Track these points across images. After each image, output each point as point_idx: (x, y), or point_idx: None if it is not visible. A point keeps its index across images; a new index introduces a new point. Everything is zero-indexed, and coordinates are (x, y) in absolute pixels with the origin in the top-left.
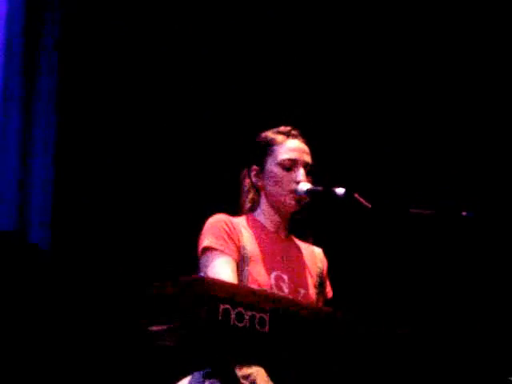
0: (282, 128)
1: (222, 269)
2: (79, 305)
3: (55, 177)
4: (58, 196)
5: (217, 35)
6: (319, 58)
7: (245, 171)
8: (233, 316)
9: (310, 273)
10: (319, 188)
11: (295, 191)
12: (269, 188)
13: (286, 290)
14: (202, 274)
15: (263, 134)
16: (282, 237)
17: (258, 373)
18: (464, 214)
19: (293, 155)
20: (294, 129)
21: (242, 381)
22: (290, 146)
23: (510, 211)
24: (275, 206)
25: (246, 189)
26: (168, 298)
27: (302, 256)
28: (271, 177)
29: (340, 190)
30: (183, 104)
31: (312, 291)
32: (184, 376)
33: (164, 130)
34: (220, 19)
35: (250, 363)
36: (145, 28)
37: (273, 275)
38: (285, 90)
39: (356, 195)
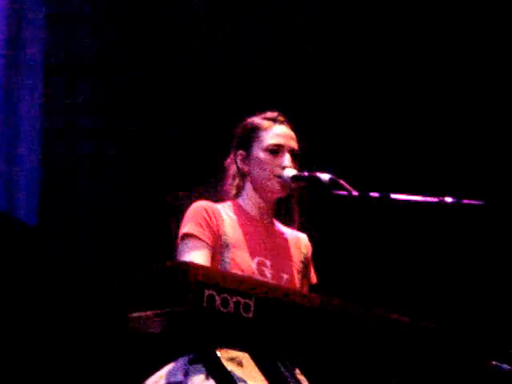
0: (269, 114)
1: (196, 256)
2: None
3: (42, 155)
4: (45, 174)
5: (207, 19)
6: (306, 44)
7: (231, 157)
8: (218, 301)
9: (293, 258)
10: (305, 174)
11: (280, 176)
12: (254, 173)
13: (269, 276)
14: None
15: (249, 120)
16: (266, 222)
17: (245, 354)
18: (448, 200)
19: (279, 141)
20: (280, 114)
21: (228, 362)
22: (277, 132)
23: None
24: (260, 192)
25: (231, 175)
26: (152, 283)
27: (285, 241)
28: (257, 162)
29: (325, 176)
30: (169, 89)
31: (295, 277)
32: (168, 362)
33: (150, 113)
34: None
35: (234, 349)
36: None
37: (255, 261)
38: (270, 76)
39: (341, 181)
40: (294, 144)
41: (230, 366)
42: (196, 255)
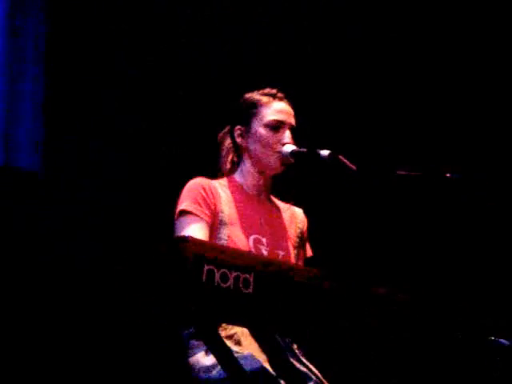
0: (268, 90)
1: (194, 232)
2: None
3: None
4: (48, 120)
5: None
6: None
7: (225, 131)
8: (217, 277)
9: (289, 234)
10: (304, 149)
11: (280, 152)
12: (253, 149)
13: (265, 253)
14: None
15: (248, 95)
16: (263, 199)
17: (243, 332)
18: (449, 175)
19: (280, 117)
20: (279, 91)
21: (227, 341)
22: (277, 108)
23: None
24: (259, 167)
25: (226, 149)
26: (152, 258)
27: (281, 218)
28: (257, 138)
29: (324, 152)
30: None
31: (291, 253)
32: (168, 338)
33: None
34: None
35: (233, 324)
36: None
37: (251, 238)
38: (268, 52)
39: (340, 157)
40: (293, 120)
41: (228, 344)
42: (194, 231)
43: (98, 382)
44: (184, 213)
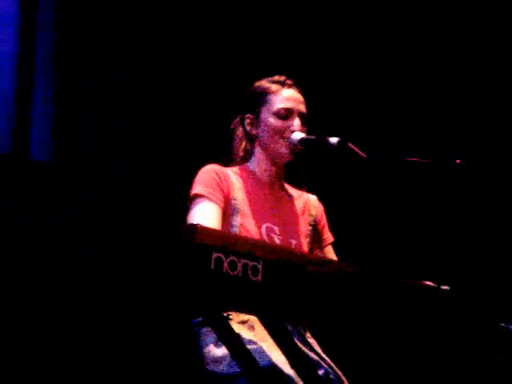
0: (277, 77)
1: (207, 214)
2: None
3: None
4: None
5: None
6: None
7: (237, 120)
8: (225, 264)
9: (301, 223)
10: (313, 137)
11: (290, 140)
12: (263, 137)
13: (278, 242)
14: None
15: (257, 83)
16: (276, 187)
17: (256, 318)
18: (458, 161)
19: (289, 104)
20: (288, 78)
21: (240, 325)
22: (286, 95)
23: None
24: (269, 155)
25: (238, 137)
26: (160, 245)
27: (294, 206)
28: (266, 126)
29: (334, 139)
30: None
31: (304, 241)
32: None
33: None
34: None
35: (242, 312)
36: None
37: (264, 227)
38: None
39: (350, 144)
40: (302, 108)
41: (241, 329)
42: (207, 215)
43: (101, 381)
44: (197, 196)
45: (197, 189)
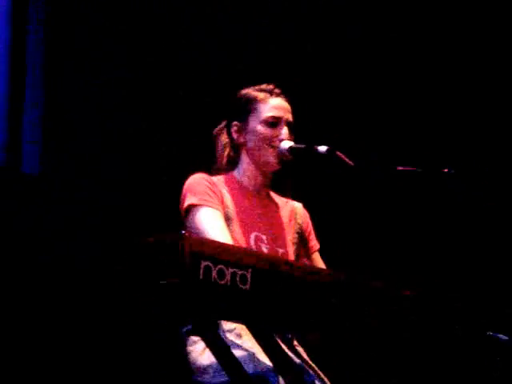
0: (265, 86)
1: (213, 222)
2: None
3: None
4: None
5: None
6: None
7: (221, 126)
8: (214, 273)
9: (288, 231)
10: (302, 145)
11: (278, 148)
12: (251, 145)
13: (266, 251)
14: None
15: (245, 91)
16: (262, 195)
17: (244, 326)
18: (445, 170)
19: (277, 113)
20: (276, 87)
21: (227, 334)
22: (274, 104)
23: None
24: (257, 164)
25: (222, 145)
26: (149, 254)
27: (280, 214)
28: (255, 134)
29: (323, 148)
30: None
31: (290, 249)
32: (166, 334)
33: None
34: None
35: (230, 321)
36: None
37: (252, 236)
38: (267, 51)
39: (338, 153)
40: (290, 116)
41: (229, 337)
42: (213, 223)
43: (98, 381)
44: (193, 207)
45: (193, 199)
